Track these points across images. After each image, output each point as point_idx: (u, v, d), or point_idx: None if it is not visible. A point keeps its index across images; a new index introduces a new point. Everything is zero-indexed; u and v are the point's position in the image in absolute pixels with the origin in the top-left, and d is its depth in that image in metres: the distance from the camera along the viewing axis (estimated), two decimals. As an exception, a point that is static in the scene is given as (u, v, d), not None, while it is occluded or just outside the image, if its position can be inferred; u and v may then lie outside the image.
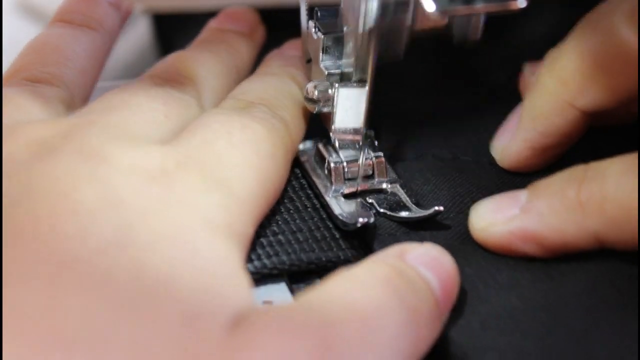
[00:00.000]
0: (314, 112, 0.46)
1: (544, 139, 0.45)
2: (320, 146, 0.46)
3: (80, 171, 0.36)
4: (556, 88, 0.44)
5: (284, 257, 0.41)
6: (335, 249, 0.43)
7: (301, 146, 0.47)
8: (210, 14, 0.54)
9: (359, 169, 0.45)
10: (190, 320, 0.32)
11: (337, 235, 0.43)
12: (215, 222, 0.37)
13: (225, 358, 0.32)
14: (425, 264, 0.38)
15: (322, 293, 0.36)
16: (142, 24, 0.64)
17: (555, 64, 0.44)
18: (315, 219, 0.44)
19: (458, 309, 0.39)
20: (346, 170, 0.45)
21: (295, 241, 0.42)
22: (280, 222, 0.43)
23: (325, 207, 0.44)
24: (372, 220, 0.42)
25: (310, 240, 0.43)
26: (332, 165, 0.45)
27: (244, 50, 0.52)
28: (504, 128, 0.47)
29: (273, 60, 0.51)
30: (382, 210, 0.44)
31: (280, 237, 0.42)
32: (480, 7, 0.41)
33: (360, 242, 0.43)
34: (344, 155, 0.45)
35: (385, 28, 0.42)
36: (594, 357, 0.37)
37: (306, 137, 0.47)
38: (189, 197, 0.37)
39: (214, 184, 0.38)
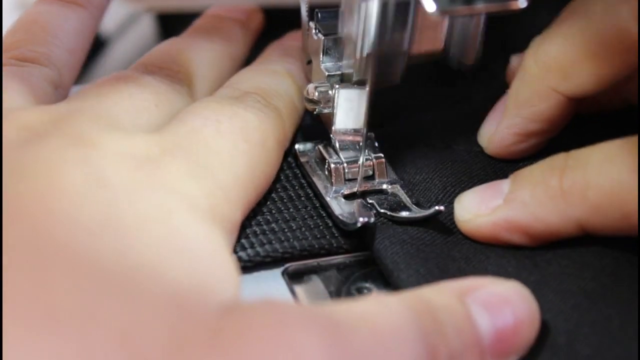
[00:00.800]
0: (315, 113, 0.46)
1: (528, 124, 0.45)
2: (321, 147, 0.46)
3: (68, 156, 0.36)
4: (540, 74, 0.44)
5: (277, 245, 0.42)
6: (328, 237, 0.43)
7: (301, 147, 0.47)
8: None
9: (359, 169, 0.45)
10: (177, 302, 0.33)
11: (330, 224, 0.44)
12: (199, 206, 0.37)
13: (214, 341, 0.32)
14: (487, 306, 0.36)
15: (340, 303, 0.36)
16: (146, 23, 0.64)
17: (539, 50, 0.44)
18: (309, 208, 0.45)
19: None
20: (346, 171, 0.45)
21: (289, 229, 0.43)
22: (273, 211, 0.44)
23: (326, 207, 0.44)
24: (372, 220, 0.42)
25: (303, 229, 0.43)
26: (332, 166, 0.45)
27: (240, 38, 0.52)
28: (490, 115, 0.48)
29: (273, 50, 0.51)
30: (382, 210, 0.44)
31: (273, 225, 0.43)
32: (480, 7, 0.41)
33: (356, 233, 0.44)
34: (344, 156, 0.45)
35: (383, 53, 0.42)
36: (578, 344, 0.37)
37: (306, 138, 0.48)
38: (173, 182, 0.37)
39: (199, 170, 0.39)
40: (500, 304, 0.36)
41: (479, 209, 0.42)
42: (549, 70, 0.43)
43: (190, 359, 0.31)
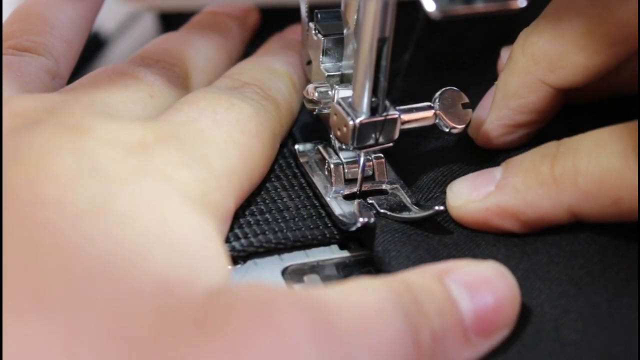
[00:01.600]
0: (314, 113, 0.46)
1: (517, 116, 0.46)
2: (321, 147, 0.46)
3: (61, 142, 0.36)
4: (528, 66, 0.44)
5: (271, 236, 0.42)
6: (321, 227, 0.44)
7: (301, 147, 0.47)
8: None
9: (359, 170, 0.45)
10: (164, 287, 0.33)
11: (324, 214, 0.44)
12: (191, 194, 0.38)
13: (201, 324, 0.32)
14: (467, 286, 0.37)
15: (324, 287, 0.36)
16: (146, 22, 0.64)
17: (527, 42, 0.44)
18: (302, 197, 0.45)
19: None
20: (346, 171, 0.45)
21: (282, 219, 0.43)
22: (267, 201, 0.44)
23: (325, 207, 0.44)
24: (372, 220, 0.42)
25: (297, 219, 0.44)
26: (332, 166, 0.45)
27: (236, 34, 0.52)
28: (479, 106, 0.48)
29: (273, 43, 0.52)
30: (382, 210, 0.44)
31: (267, 215, 0.43)
32: (480, 7, 0.40)
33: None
34: (343, 156, 0.45)
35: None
36: (564, 330, 0.38)
37: (306, 138, 0.48)
38: (166, 169, 0.38)
39: (192, 158, 0.39)
40: (480, 283, 0.37)
41: (470, 194, 0.43)
42: (537, 63, 0.44)
43: (177, 342, 0.32)
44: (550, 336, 0.37)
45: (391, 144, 0.43)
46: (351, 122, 0.42)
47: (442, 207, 0.42)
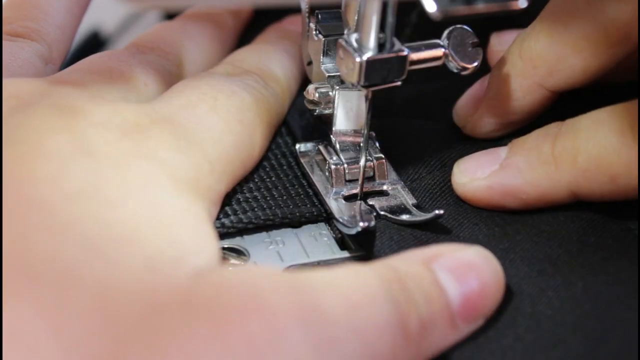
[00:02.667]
0: (315, 114, 0.46)
1: (509, 115, 0.46)
2: (321, 147, 0.46)
3: (54, 123, 0.37)
4: (525, 70, 0.44)
5: (260, 213, 0.43)
6: (309, 205, 0.44)
7: (302, 147, 0.47)
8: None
9: (360, 171, 0.45)
10: (152, 267, 0.34)
11: (311, 193, 0.45)
12: (182, 177, 0.38)
13: (187, 303, 0.33)
14: (454, 272, 0.37)
15: (313, 271, 0.36)
16: (147, 22, 0.64)
17: (524, 46, 0.44)
18: (290, 177, 0.46)
19: None
20: (347, 171, 0.45)
21: (271, 197, 0.44)
22: (256, 180, 0.45)
23: (326, 208, 0.44)
24: (372, 223, 0.42)
25: (285, 197, 0.44)
26: (332, 167, 0.45)
27: (230, 24, 0.53)
28: (468, 96, 0.48)
29: (271, 32, 0.52)
30: (382, 213, 0.44)
31: (256, 193, 0.44)
32: (481, 8, 0.40)
33: None
34: (344, 157, 0.45)
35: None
36: (540, 306, 0.38)
37: (307, 139, 0.48)
38: (158, 152, 0.38)
39: (187, 143, 0.39)
40: (466, 269, 0.37)
41: (475, 172, 0.43)
42: (536, 67, 0.44)
43: (164, 322, 0.32)
44: (526, 312, 0.38)
45: (399, 83, 0.42)
46: (358, 59, 0.40)
47: (441, 211, 0.42)
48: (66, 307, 0.31)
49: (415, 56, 0.42)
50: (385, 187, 0.45)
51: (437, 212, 0.42)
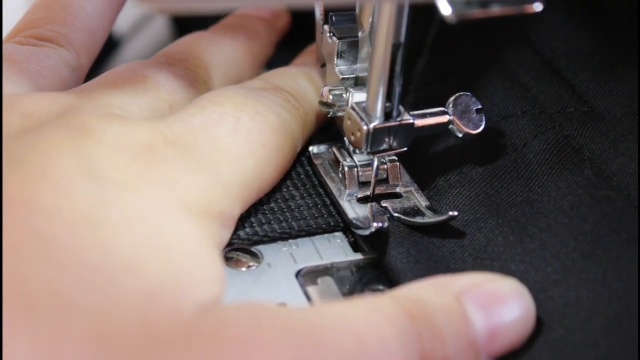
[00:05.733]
0: (329, 116, 0.46)
1: None
2: (335, 149, 0.46)
3: (64, 144, 0.36)
4: None
5: (276, 226, 0.43)
6: (326, 216, 0.44)
7: (315, 149, 0.47)
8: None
9: (372, 173, 0.45)
10: (153, 300, 0.33)
11: (328, 202, 0.44)
12: (192, 202, 0.37)
13: (188, 339, 0.32)
14: (484, 305, 0.36)
15: (323, 305, 0.36)
16: (159, 24, 0.64)
17: None
18: (308, 186, 0.45)
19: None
20: (360, 174, 0.45)
21: (287, 209, 0.44)
22: (272, 190, 0.44)
23: (339, 210, 0.44)
24: (386, 224, 0.42)
25: (301, 208, 0.44)
26: (346, 168, 0.45)
27: (264, 36, 0.51)
28: None
29: (309, 55, 0.51)
30: (395, 214, 0.44)
31: (272, 205, 0.43)
32: (496, 10, 0.40)
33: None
34: (358, 159, 0.45)
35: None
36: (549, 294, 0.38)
37: (320, 140, 0.48)
38: (169, 176, 0.37)
39: (201, 166, 0.38)
40: (497, 302, 0.36)
41: None
42: None
43: (163, 356, 0.32)
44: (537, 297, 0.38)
45: (405, 149, 0.43)
46: (365, 127, 0.42)
47: (455, 213, 0.42)
48: (64, 339, 0.31)
49: (420, 123, 0.43)
50: (398, 189, 0.45)
51: (451, 213, 0.42)
